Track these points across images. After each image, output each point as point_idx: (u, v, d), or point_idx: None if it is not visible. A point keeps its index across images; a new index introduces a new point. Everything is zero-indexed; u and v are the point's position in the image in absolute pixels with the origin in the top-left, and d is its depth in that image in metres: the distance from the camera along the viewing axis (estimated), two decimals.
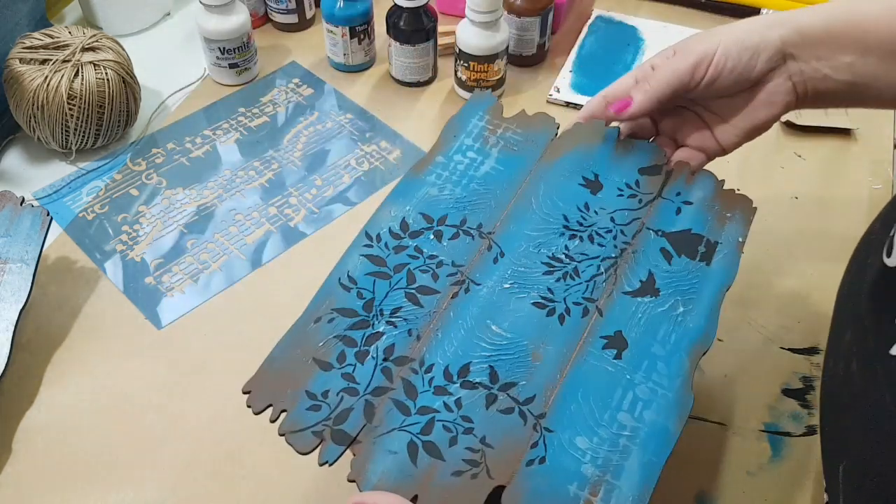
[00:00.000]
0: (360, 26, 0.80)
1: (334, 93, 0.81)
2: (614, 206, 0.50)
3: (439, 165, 0.52)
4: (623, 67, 0.82)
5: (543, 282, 0.47)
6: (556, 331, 0.45)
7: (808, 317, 0.61)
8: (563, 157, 0.52)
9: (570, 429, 0.41)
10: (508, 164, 0.52)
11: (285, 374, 0.43)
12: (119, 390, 0.57)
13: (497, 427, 0.41)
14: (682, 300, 0.47)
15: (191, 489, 0.52)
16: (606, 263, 0.48)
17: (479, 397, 0.42)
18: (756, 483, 0.52)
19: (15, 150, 0.75)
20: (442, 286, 0.46)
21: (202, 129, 0.77)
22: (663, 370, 0.44)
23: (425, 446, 0.40)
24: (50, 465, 0.53)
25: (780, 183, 0.71)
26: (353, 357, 0.43)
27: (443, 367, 0.43)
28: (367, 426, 0.41)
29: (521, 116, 0.55)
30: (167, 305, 0.62)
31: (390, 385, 0.42)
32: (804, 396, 0.56)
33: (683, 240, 0.49)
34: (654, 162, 0.52)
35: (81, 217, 0.69)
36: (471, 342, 0.44)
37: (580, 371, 0.44)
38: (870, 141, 0.76)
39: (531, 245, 0.48)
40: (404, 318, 0.45)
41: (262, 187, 0.72)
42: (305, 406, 0.41)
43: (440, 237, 0.49)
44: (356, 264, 0.47)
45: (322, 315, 0.45)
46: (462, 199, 0.50)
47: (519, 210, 0.50)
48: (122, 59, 0.72)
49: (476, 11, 0.73)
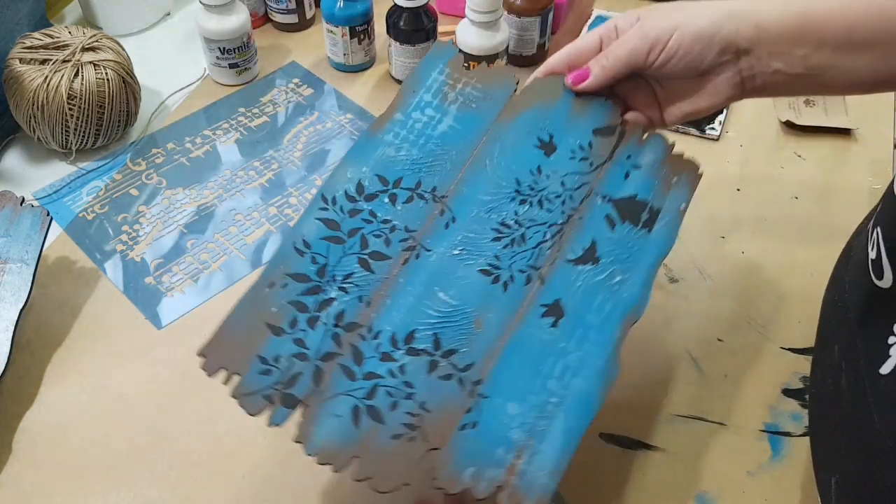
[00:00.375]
0: (360, 26, 0.80)
1: (334, 93, 0.81)
2: (566, 170, 0.51)
3: (397, 123, 0.52)
4: None
5: (491, 248, 0.48)
6: (500, 298, 0.46)
7: (808, 317, 0.61)
8: (520, 116, 0.52)
9: (503, 395, 0.43)
10: (466, 122, 0.52)
11: (240, 339, 0.43)
12: (119, 390, 0.57)
13: (436, 393, 0.43)
14: (620, 268, 0.47)
15: (191, 489, 0.52)
16: (553, 230, 0.48)
17: (422, 364, 0.44)
18: (756, 483, 0.52)
19: (15, 150, 0.75)
20: (394, 252, 0.47)
21: (202, 129, 0.77)
22: (595, 339, 0.45)
23: (368, 410, 0.42)
24: (50, 465, 0.53)
25: (780, 183, 0.71)
26: (305, 323, 0.44)
27: (390, 333, 0.44)
28: (315, 390, 0.42)
29: (481, 70, 0.54)
30: (167, 305, 0.62)
31: (339, 351, 0.43)
32: (804, 396, 0.56)
33: (628, 206, 0.50)
34: (608, 122, 0.52)
35: (81, 217, 0.69)
36: (418, 309, 0.45)
37: (518, 339, 0.45)
38: (870, 141, 0.76)
39: (483, 210, 0.49)
40: (356, 284, 0.46)
41: (262, 187, 0.72)
42: (258, 370, 0.42)
43: (395, 200, 0.49)
44: (311, 228, 0.48)
45: (276, 280, 0.45)
46: (418, 160, 0.50)
47: (473, 173, 0.50)
48: (122, 59, 0.72)
49: (476, 11, 0.73)
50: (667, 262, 0.64)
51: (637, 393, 0.56)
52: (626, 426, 0.54)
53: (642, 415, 0.55)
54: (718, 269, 0.64)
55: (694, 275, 0.64)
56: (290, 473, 0.52)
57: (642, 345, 0.59)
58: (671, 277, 0.64)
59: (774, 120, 0.78)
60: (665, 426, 0.55)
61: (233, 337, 0.44)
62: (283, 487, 0.52)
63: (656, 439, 0.54)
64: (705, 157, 0.73)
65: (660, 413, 0.55)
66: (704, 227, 0.67)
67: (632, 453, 0.53)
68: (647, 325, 0.60)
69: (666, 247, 0.49)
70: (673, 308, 0.61)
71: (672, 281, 0.63)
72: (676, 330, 0.60)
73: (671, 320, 0.61)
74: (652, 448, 0.54)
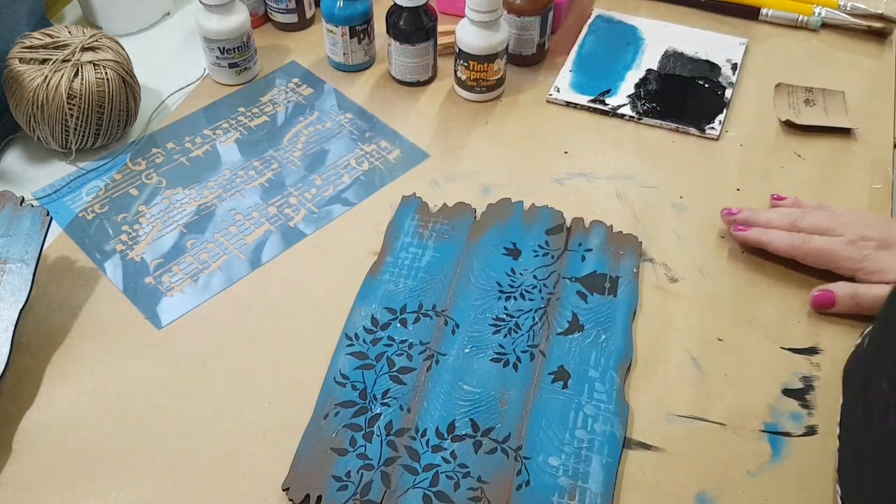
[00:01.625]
0: (360, 26, 0.80)
1: (334, 92, 0.81)
2: (534, 266, 0.63)
3: (390, 265, 0.63)
4: (623, 67, 0.82)
5: (494, 340, 0.58)
6: (514, 377, 0.56)
7: (808, 317, 0.61)
8: (485, 236, 0.65)
9: (542, 452, 0.52)
10: (444, 250, 0.64)
11: (313, 466, 0.52)
12: (119, 390, 0.57)
13: (487, 466, 0.52)
14: (602, 329, 0.59)
15: (191, 489, 0.52)
16: (539, 313, 0.60)
17: (468, 446, 0.53)
18: (756, 483, 0.52)
19: (15, 149, 0.75)
20: (416, 364, 0.57)
21: (202, 128, 0.77)
22: (601, 388, 0.55)
23: (436, 495, 0.50)
24: (50, 465, 0.53)
25: (780, 183, 0.71)
26: (362, 439, 0.53)
27: (433, 428, 0.53)
28: (387, 492, 0.50)
29: (443, 210, 0.67)
30: (167, 305, 0.62)
31: (397, 454, 0.52)
32: (804, 396, 0.56)
33: (591, 281, 0.62)
34: (555, 223, 0.66)
35: (81, 217, 0.69)
36: (451, 403, 0.55)
37: (539, 405, 0.54)
38: (870, 141, 0.76)
39: (478, 312, 0.60)
40: (394, 397, 0.55)
41: (261, 187, 0.72)
42: (335, 488, 0.50)
43: (405, 323, 0.59)
44: (344, 362, 0.57)
45: (328, 411, 0.54)
46: (415, 288, 0.61)
47: (461, 286, 0.62)
48: (122, 59, 0.72)
49: (476, 11, 0.73)
50: (667, 262, 0.65)
51: (637, 393, 0.56)
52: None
53: (642, 415, 0.55)
54: (718, 269, 0.64)
55: (694, 275, 0.64)
56: None
57: (642, 345, 0.59)
58: (671, 277, 0.64)
59: (774, 120, 0.78)
60: (665, 426, 0.55)
61: (307, 466, 0.52)
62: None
63: (656, 439, 0.54)
64: (705, 157, 0.74)
65: (660, 413, 0.55)
66: (704, 227, 0.67)
67: (632, 453, 0.53)
68: (647, 325, 0.60)
69: (632, 303, 0.60)
70: (673, 308, 0.61)
71: (672, 281, 0.63)
72: (676, 330, 0.60)
73: (671, 320, 0.61)
74: (652, 448, 0.54)
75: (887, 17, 0.86)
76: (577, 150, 0.75)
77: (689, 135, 0.76)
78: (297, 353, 0.59)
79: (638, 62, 0.83)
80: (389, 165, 0.74)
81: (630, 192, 0.70)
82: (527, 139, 0.76)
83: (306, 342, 0.59)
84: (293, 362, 0.58)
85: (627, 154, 0.74)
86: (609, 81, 0.81)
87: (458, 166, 0.73)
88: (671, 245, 0.66)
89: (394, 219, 0.67)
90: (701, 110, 0.78)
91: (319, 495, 0.50)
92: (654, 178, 0.72)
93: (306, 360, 0.58)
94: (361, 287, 0.62)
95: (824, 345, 0.59)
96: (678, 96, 0.79)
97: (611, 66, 0.83)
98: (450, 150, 0.75)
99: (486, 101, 0.80)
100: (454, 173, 0.72)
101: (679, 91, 0.80)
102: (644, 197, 0.70)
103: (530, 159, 0.74)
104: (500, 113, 0.79)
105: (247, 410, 0.56)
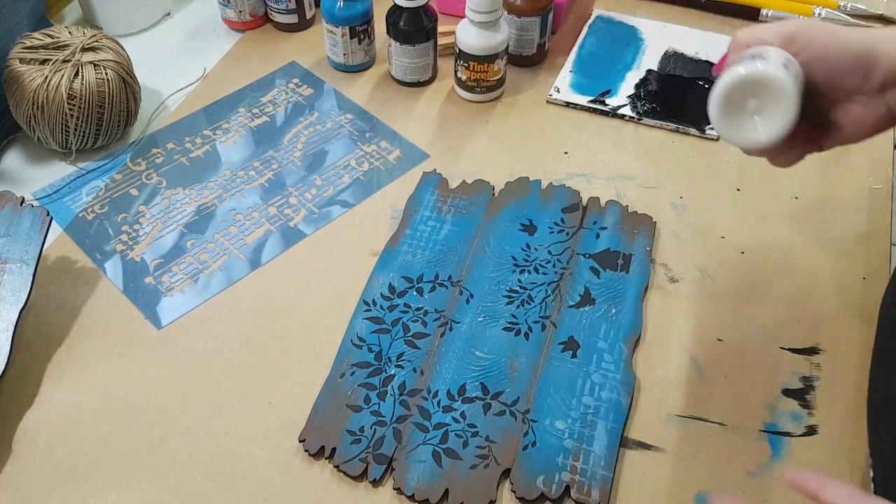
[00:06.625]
0: (360, 26, 0.80)
1: (334, 93, 0.81)
2: (549, 242, 0.65)
3: (408, 237, 0.65)
4: (623, 67, 0.82)
5: (507, 310, 0.60)
6: (524, 346, 0.58)
7: (808, 317, 0.61)
8: (502, 212, 0.67)
9: (549, 416, 0.54)
10: (461, 224, 0.66)
11: (328, 421, 0.54)
12: (119, 390, 0.57)
13: (496, 427, 0.53)
14: (613, 303, 0.60)
15: (191, 489, 0.52)
16: (552, 287, 0.61)
17: (478, 407, 0.54)
18: (756, 483, 0.52)
19: (15, 150, 0.75)
20: (431, 330, 0.59)
21: (202, 129, 0.77)
22: (609, 359, 0.57)
23: (446, 452, 0.52)
24: (50, 465, 0.53)
25: (780, 183, 0.71)
26: (376, 397, 0.55)
27: (445, 390, 0.55)
28: (398, 447, 0.53)
29: (462, 186, 0.69)
30: (167, 305, 0.62)
31: (409, 413, 0.54)
32: (804, 396, 0.56)
33: (605, 258, 0.63)
34: (571, 202, 0.68)
35: (81, 217, 0.69)
36: (462, 367, 0.57)
37: (548, 372, 0.56)
38: (870, 141, 0.75)
39: (492, 284, 0.62)
40: (408, 360, 0.57)
41: (261, 187, 0.72)
42: (349, 442, 0.53)
43: (421, 292, 0.61)
44: (362, 326, 0.59)
45: (345, 371, 0.57)
46: (432, 259, 0.64)
47: (477, 259, 0.63)
48: (122, 59, 0.72)
49: (476, 11, 0.73)
50: (667, 262, 0.65)
51: (637, 393, 0.56)
52: (626, 426, 0.54)
53: (642, 415, 0.55)
54: (718, 269, 0.64)
55: (694, 275, 0.64)
56: (289, 473, 0.52)
57: (642, 345, 0.59)
58: (671, 277, 0.64)
59: None
60: (665, 426, 0.55)
61: (322, 420, 0.54)
62: (283, 487, 0.52)
63: (656, 439, 0.54)
64: (705, 157, 0.74)
65: (660, 413, 0.55)
66: (704, 227, 0.67)
67: (632, 453, 0.53)
68: (647, 325, 0.60)
69: (645, 280, 0.62)
70: (673, 308, 0.61)
71: (672, 281, 0.63)
72: (676, 330, 0.60)
73: (671, 320, 0.61)
74: (652, 448, 0.54)
75: (887, 18, 0.87)
76: (577, 150, 0.75)
77: (689, 135, 0.76)
78: (297, 353, 0.59)
79: (638, 63, 0.83)
80: (389, 166, 0.74)
81: (630, 192, 0.70)
82: (527, 139, 0.76)
83: (306, 342, 0.59)
84: (293, 362, 0.58)
85: (627, 154, 0.74)
86: (609, 82, 0.81)
87: (458, 166, 0.73)
88: (671, 245, 0.66)
89: (414, 193, 0.69)
90: (701, 110, 0.77)
91: (334, 447, 0.52)
92: (654, 178, 0.72)
93: (306, 360, 0.58)
94: (380, 257, 0.64)
95: (824, 345, 0.59)
96: (678, 97, 0.79)
97: (611, 66, 0.83)
98: (450, 151, 0.75)
99: (486, 102, 0.80)
100: (454, 174, 0.72)
101: (679, 91, 0.80)
102: (644, 197, 0.70)
103: (530, 160, 0.73)
104: (500, 113, 0.79)
105: (247, 410, 0.56)
